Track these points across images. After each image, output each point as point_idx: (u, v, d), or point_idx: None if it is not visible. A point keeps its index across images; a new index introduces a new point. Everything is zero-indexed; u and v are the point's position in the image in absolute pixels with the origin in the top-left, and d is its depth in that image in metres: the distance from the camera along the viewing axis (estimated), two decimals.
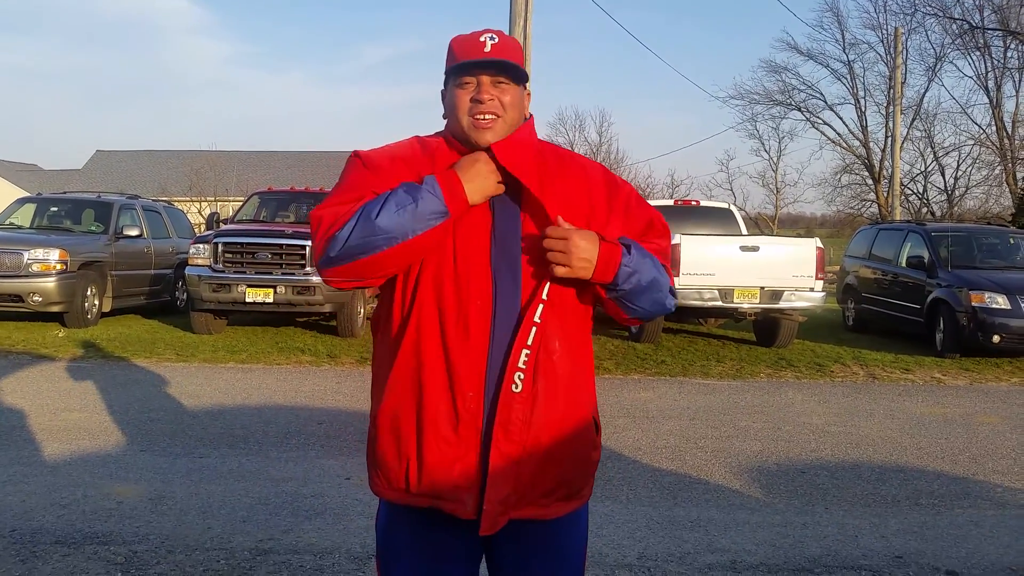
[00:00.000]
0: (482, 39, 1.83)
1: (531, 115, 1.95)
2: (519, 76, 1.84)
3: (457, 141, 1.86)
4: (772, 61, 57.13)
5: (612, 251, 1.78)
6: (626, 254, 1.79)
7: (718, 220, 12.46)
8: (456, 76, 1.83)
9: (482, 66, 1.81)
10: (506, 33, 1.92)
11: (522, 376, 1.75)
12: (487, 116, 1.80)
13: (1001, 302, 10.02)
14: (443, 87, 1.90)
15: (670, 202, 13.86)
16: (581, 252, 1.75)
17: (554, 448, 1.80)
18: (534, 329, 1.75)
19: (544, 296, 1.77)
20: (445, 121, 1.91)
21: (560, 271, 1.76)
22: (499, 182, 1.79)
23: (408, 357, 1.79)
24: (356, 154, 1.91)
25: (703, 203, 13.73)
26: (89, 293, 11.20)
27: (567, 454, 1.82)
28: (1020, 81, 32.41)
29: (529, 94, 1.93)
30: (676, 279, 10.13)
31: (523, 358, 1.75)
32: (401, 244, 1.73)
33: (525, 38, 11.37)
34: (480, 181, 1.77)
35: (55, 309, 10.83)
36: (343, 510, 4.46)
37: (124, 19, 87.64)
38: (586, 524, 1.97)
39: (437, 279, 1.78)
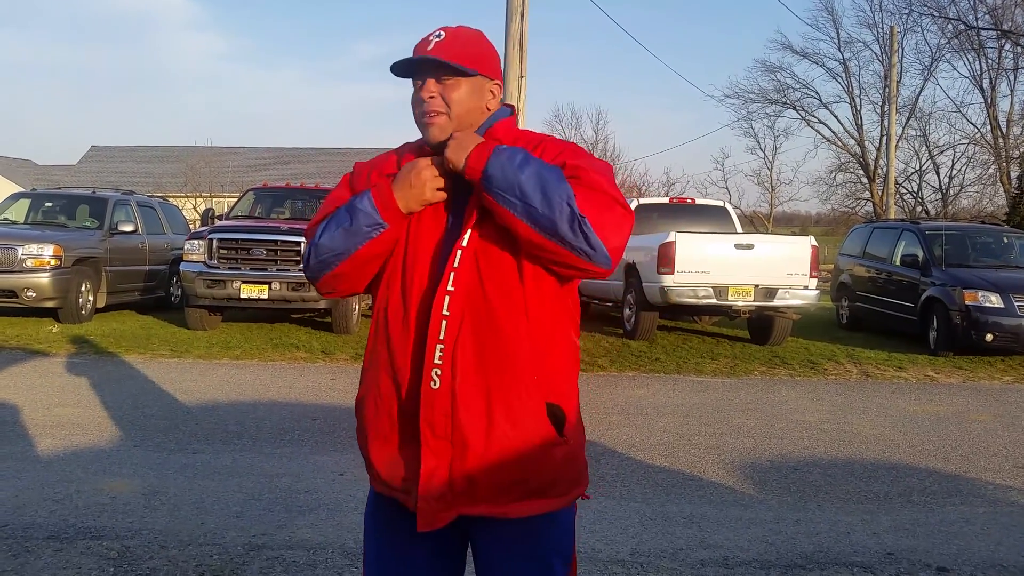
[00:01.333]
0: (430, 36, 1.84)
1: (513, 108, 1.94)
2: (462, 70, 1.82)
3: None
4: (767, 60, 57.10)
5: (488, 144, 1.77)
6: (503, 148, 1.76)
7: (713, 218, 12.47)
8: (412, 79, 1.86)
9: (414, 66, 1.83)
10: (470, 27, 1.90)
11: (439, 372, 1.74)
12: (431, 114, 1.82)
13: (994, 301, 10.06)
14: None
15: (665, 200, 13.85)
16: (462, 140, 1.77)
17: (492, 445, 1.75)
18: (444, 323, 1.73)
19: (449, 287, 1.74)
20: None
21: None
22: (439, 188, 1.80)
23: (370, 352, 1.89)
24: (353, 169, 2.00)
25: (698, 201, 13.75)
26: (83, 289, 11.18)
27: (512, 451, 1.76)
28: (1015, 81, 32.58)
29: (499, 85, 1.91)
30: (671, 276, 10.18)
31: (438, 353, 1.73)
32: (349, 258, 1.82)
33: (521, 34, 11.37)
34: (411, 190, 1.78)
35: (49, 305, 10.81)
36: (337, 506, 4.47)
37: (119, 14, 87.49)
38: (568, 526, 1.90)
39: (390, 281, 1.84)
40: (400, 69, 1.85)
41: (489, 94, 1.88)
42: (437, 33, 1.84)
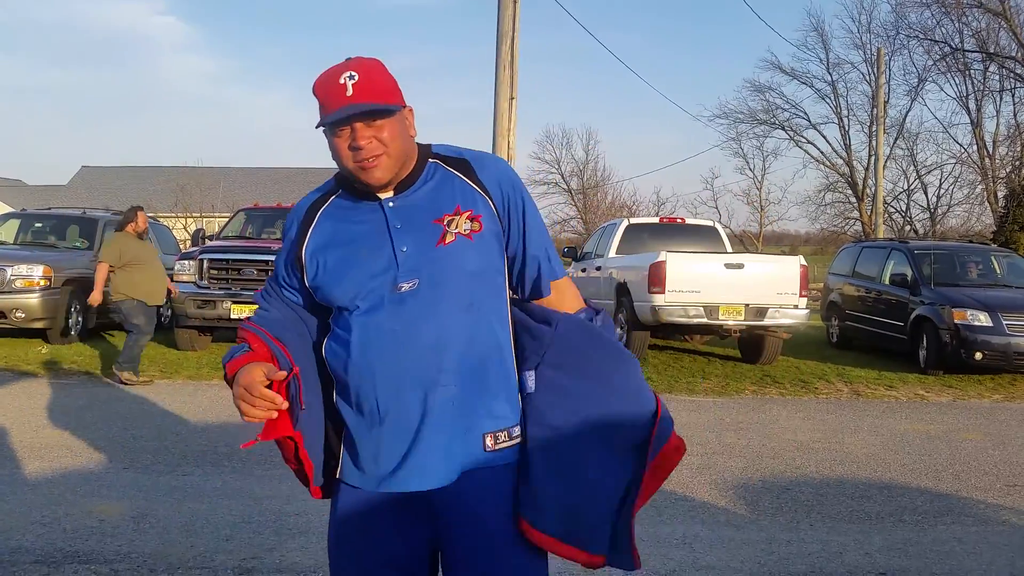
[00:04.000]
0: (341, 80, 1.79)
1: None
2: (390, 110, 1.81)
3: (356, 184, 1.88)
4: (756, 81, 57.58)
5: None
6: None
7: (703, 238, 12.53)
8: (329, 127, 1.82)
9: (349, 118, 1.79)
10: (366, 57, 1.86)
11: None
12: (369, 159, 1.81)
13: (983, 319, 10.11)
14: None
15: (656, 219, 13.90)
16: None
17: None
18: None
19: None
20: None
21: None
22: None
23: None
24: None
25: (688, 221, 13.80)
26: (73, 309, 11.13)
27: None
28: (1000, 102, 32.93)
29: (411, 110, 1.91)
30: (662, 296, 10.20)
31: None
32: None
33: (512, 57, 11.44)
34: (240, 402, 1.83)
35: (38, 325, 10.75)
36: (327, 529, 4.42)
37: (110, 35, 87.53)
38: None
39: None
40: (325, 122, 1.82)
41: (407, 122, 1.88)
42: (349, 74, 1.80)
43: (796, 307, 10.43)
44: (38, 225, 12.88)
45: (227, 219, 13.43)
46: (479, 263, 1.86)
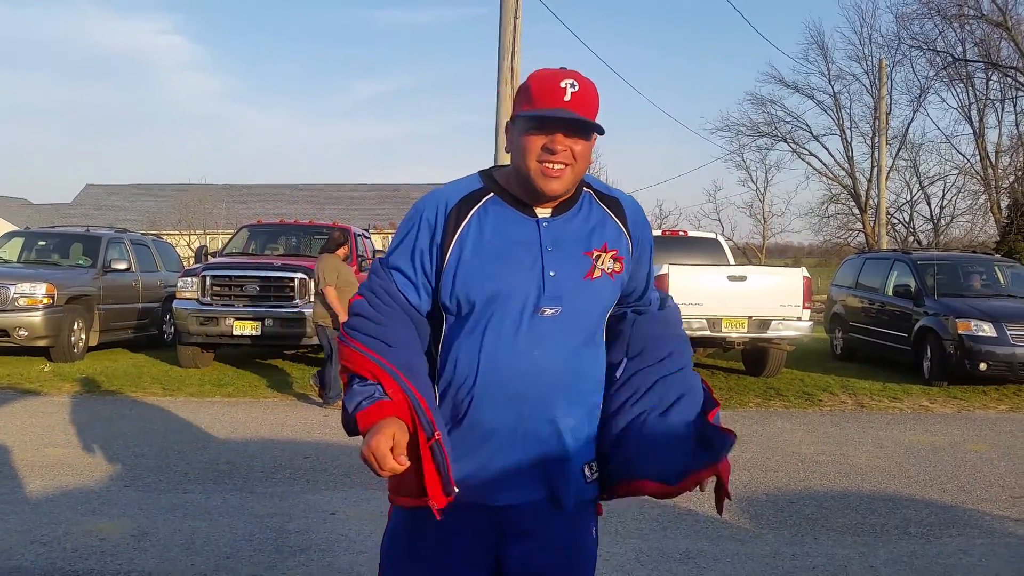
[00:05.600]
0: (562, 84, 1.79)
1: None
2: (595, 129, 1.83)
3: (516, 184, 1.87)
4: (758, 93, 57.61)
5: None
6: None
7: (706, 250, 12.51)
8: (532, 122, 1.81)
9: (561, 122, 1.79)
10: (582, 76, 1.84)
11: None
12: (557, 166, 1.80)
13: (987, 330, 10.07)
14: (511, 120, 1.89)
15: (658, 232, 13.89)
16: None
17: None
18: None
19: None
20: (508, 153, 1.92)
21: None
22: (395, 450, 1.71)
23: None
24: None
25: (691, 233, 13.79)
26: (76, 327, 11.15)
27: None
28: (1002, 112, 32.93)
29: (595, 138, 1.91)
30: None
31: None
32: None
33: (513, 72, 11.48)
34: (371, 454, 1.70)
35: (41, 343, 10.76)
36: (328, 546, 4.42)
37: (115, 54, 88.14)
38: None
39: None
40: (537, 117, 1.80)
41: (591, 149, 1.89)
42: (571, 82, 1.80)
43: (799, 319, 10.39)
44: (42, 243, 12.93)
45: (230, 236, 13.45)
46: (610, 303, 1.94)
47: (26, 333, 10.54)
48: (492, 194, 1.89)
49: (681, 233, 13.64)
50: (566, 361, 1.83)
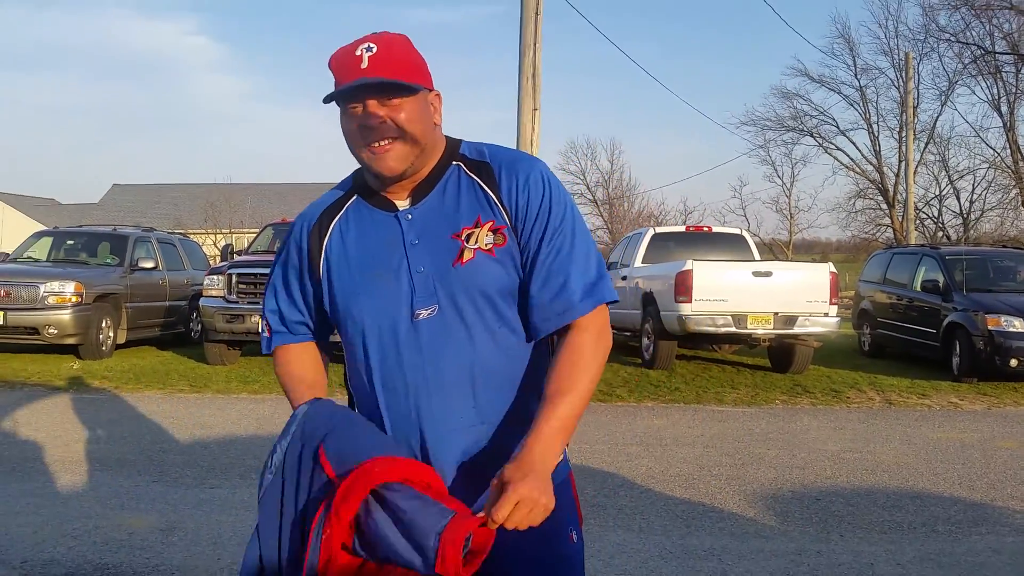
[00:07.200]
0: (358, 52, 1.57)
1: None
2: (408, 88, 1.58)
3: (369, 177, 1.69)
4: (783, 87, 57.10)
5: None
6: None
7: (730, 246, 12.44)
8: (340, 103, 1.61)
9: (360, 91, 1.57)
10: (394, 33, 1.64)
11: None
12: (382, 142, 1.59)
13: (1018, 325, 9.94)
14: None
15: (682, 228, 13.85)
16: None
17: None
18: None
19: None
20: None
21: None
22: None
23: None
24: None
25: (715, 229, 13.73)
26: (104, 325, 11.28)
27: None
28: None
29: (438, 95, 1.69)
30: (689, 305, 10.12)
31: None
32: None
33: (535, 69, 11.46)
34: None
35: (70, 341, 10.91)
36: None
37: (141, 56, 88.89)
38: None
39: None
40: (333, 94, 1.60)
41: (432, 107, 1.66)
42: (367, 45, 1.58)
43: (826, 315, 10.30)
44: (70, 242, 13.10)
45: (255, 234, 13.56)
46: (502, 282, 1.63)
47: (55, 331, 10.68)
48: (356, 196, 1.72)
49: (705, 229, 13.58)
50: (461, 365, 1.60)
